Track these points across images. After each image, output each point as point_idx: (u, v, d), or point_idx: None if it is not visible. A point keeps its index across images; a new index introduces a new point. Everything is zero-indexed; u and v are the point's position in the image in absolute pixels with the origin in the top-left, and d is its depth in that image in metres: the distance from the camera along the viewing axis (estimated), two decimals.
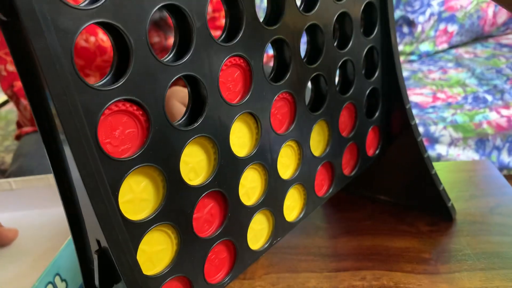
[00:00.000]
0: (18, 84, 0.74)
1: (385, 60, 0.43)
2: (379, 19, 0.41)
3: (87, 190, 0.22)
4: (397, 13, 1.48)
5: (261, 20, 0.30)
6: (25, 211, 0.57)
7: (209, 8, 0.83)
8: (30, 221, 0.55)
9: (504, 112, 1.10)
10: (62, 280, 0.40)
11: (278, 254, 0.45)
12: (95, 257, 0.25)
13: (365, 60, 0.41)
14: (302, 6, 0.34)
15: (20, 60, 0.21)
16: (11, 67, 0.74)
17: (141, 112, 0.25)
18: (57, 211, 0.56)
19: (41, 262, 0.47)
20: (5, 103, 1.69)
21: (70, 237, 0.43)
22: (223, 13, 0.83)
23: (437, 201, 0.47)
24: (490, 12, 1.51)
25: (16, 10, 0.18)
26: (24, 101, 0.74)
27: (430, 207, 0.48)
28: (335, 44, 0.37)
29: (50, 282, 0.39)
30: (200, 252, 0.30)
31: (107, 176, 0.23)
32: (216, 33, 0.27)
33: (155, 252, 0.27)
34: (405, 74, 1.40)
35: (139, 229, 0.26)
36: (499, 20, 1.55)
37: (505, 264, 0.40)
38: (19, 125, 0.90)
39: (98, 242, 0.25)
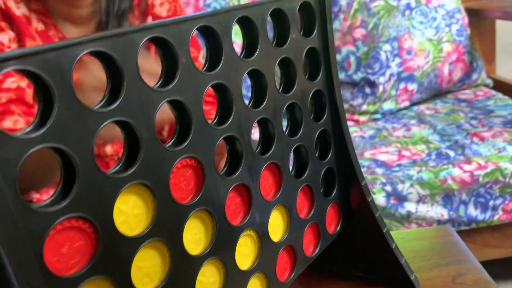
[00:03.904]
0: None
1: (337, 141, 0.45)
2: (328, 105, 0.44)
3: None
4: (359, 75, 1.55)
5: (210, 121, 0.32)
6: None
7: None
8: None
9: (466, 167, 1.14)
10: None
11: None
12: None
13: (318, 142, 0.43)
14: (250, 103, 0.36)
15: None
16: None
17: (87, 225, 0.25)
18: None
19: None
20: None
21: None
22: None
23: (401, 275, 0.47)
24: (445, 70, 1.60)
25: None
26: None
27: (394, 281, 0.48)
28: (286, 133, 0.39)
29: None
30: None
31: None
32: None
33: None
34: (370, 132, 1.44)
35: None
36: (455, 77, 1.64)
37: None
38: None
39: None
